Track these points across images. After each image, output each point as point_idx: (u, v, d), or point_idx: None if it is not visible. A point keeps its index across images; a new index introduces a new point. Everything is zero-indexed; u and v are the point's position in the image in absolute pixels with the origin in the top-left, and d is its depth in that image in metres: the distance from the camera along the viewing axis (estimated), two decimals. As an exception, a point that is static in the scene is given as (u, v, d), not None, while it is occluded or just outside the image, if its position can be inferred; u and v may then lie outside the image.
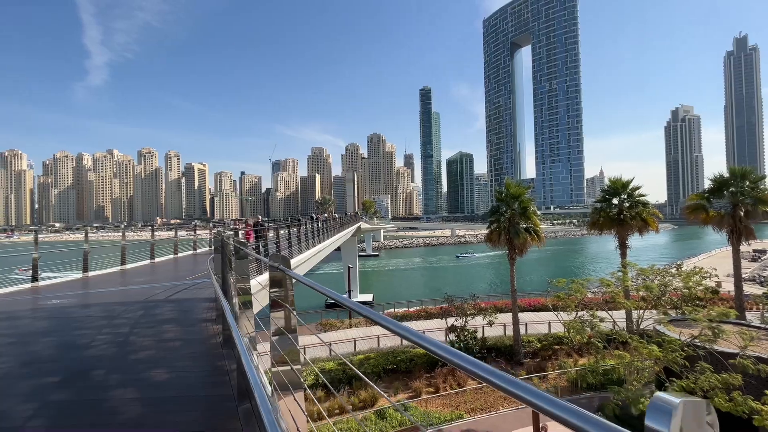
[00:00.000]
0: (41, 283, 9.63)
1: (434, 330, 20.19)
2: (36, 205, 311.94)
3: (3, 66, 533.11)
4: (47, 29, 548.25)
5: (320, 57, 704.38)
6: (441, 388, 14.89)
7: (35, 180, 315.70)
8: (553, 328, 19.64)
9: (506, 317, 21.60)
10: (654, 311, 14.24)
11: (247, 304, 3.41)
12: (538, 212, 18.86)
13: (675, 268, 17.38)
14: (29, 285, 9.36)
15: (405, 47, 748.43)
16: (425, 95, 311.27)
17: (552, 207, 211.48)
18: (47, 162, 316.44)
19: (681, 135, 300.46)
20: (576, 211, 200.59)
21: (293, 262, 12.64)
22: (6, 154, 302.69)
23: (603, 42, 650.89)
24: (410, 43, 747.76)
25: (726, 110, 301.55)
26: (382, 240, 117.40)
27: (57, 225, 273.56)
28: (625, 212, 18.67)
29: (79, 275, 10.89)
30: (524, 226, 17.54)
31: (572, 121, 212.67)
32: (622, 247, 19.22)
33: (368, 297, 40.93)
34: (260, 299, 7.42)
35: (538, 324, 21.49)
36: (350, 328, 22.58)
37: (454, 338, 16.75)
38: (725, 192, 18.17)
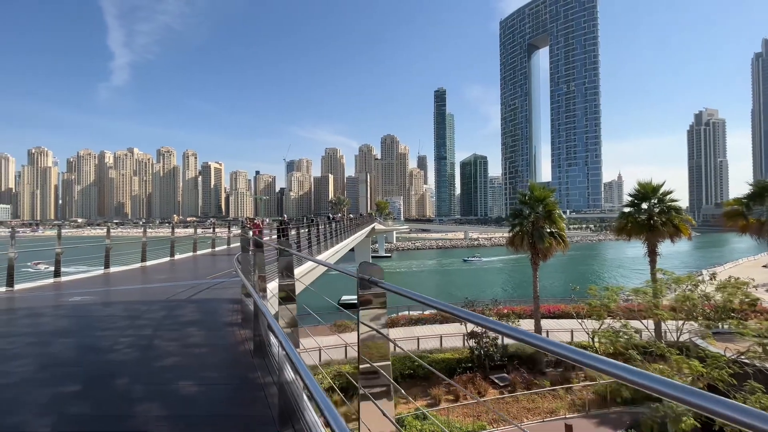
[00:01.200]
0: (63, 279, 9.56)
1: (452, 335, 19.62)
2: (60, 201, 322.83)
3: (34, 67, 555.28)
4: (75, 32, 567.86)
5: (334, 58, 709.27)
6: (461, 395, 14.35)
7: (59, 177, 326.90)
8: (576, 336, 18.86)
9: (525, 324, 20.87)
10: (693, 323, 13.44)
11: (285, 309, 3.08)
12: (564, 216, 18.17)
13: (709, 278, 16.45)
14: (52, 280, 9.31)
15: (417, 49, 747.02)
16: (440, 97, 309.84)
17: (568, 211, 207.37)
18: (71, 159, 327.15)
19: (705, 139, 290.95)
20: (593, 215, 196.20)
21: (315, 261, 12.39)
22: (33, 151, 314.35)
23: (622, 42, 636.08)
24: (422, 45, 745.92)
25: (753, 114, 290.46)
26: (394, 241, 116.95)
27: (79, 220, 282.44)
28: (655, 218, 17.78)
29: (100, 271, 10.85)
30: (549, 230, 16.91)
31: (590, 124, 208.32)
32: (652, 254, 18.33)
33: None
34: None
35: (559, 332, 20.69)
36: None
37: (474, 345, 16.18)
38: (768, 197, 17.07)
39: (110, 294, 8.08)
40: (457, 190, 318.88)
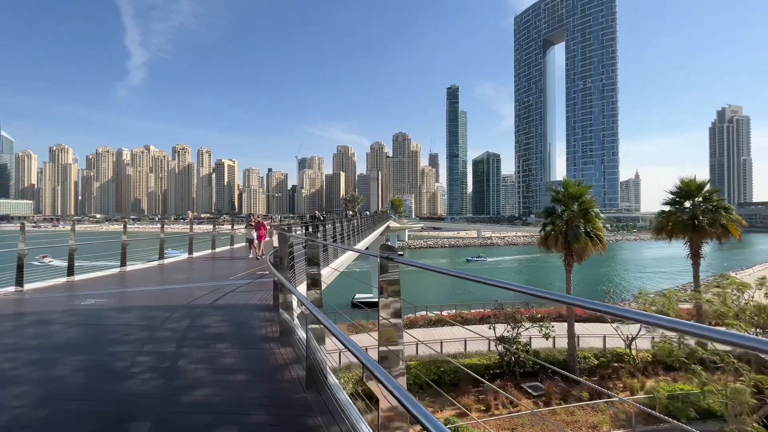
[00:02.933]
0: (77, 277, 8.93)
1: (476, 339, 18.64)
2: (80, 197, 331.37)
3: (55, 68, 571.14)
4: (94, 33, 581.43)
5: (346, 57, 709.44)
6: (493, 405, 13.44)
7: (79, 173, 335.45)
8: (609, 342, 17.68)
9: (559, 327, 19.49)
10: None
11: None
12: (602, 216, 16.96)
13: (758, 283, 15.18)
14: (65, 279, 8.69)
15: (430, 47, 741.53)
16: (452, 94, 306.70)
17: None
18: (90, 156, 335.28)
19: (728, 137, 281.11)
20: (609, 215, 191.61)
21: (340, 261, 11.71)
22: (54, 148, 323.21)
23: (642, 37, 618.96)
24: (435, 43, 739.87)
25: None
26: (406, 239, 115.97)
27: (98, 216, 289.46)
28: (701, 217, 16.49)
29: (116, 270, 10.27)
30: (585, 229, 15.83)
31: (607, 122, 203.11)
32: (695, 256, 17.05)
33: (395, 297, 39.45)
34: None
35: (589, 337, 19.54)
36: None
37: (503, 350, 15.18)
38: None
39: (126, 297, 7.44)
40: (469, 189, 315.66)
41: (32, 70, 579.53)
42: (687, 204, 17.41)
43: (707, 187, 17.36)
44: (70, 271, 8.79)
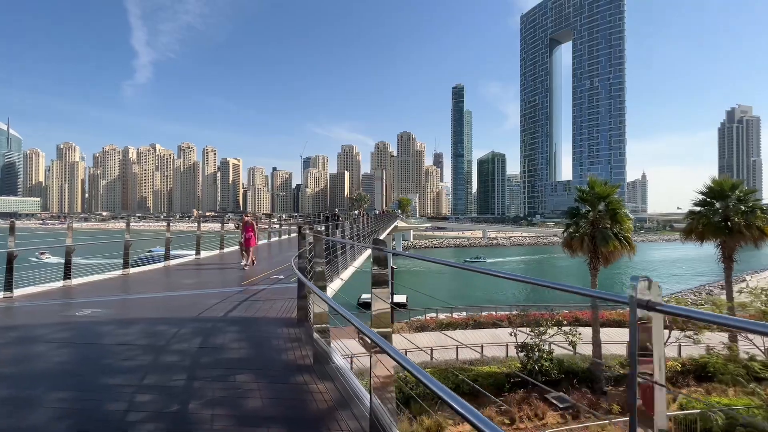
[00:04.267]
0: (75, 281, 8.06)
1: (492, 344, 17.82)
2: (86, 195, 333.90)
3: (63, 66, 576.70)
4: (101, 33, 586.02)
5: (351, 56, 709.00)
6: (517, 418, 12.64)
7: (86, 171, 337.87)
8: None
9: (585, 333, 18.47)
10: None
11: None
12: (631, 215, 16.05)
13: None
14: (61, 283, 7.81)
15: (435, 46, 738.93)
16: (458, 93, 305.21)
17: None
18: (97, 155, 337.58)
19: (737, 137, 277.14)
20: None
21: (360, 261, 11.03)
22: (62, 146, 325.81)
23: (650, 35, 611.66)
24: (440, 43, 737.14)
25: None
26: (411, 239, 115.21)
27: (104, 214, 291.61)
28: (736, 219, 15.54)
29: (118, 272, 9.40)
30: (613, 231, 14.99)
31: (614, 121, 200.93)
32: (728, 260, 16.16)
33: (401, 298, 38.80)
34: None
35: (610, 344, 18.59)
36: (394, 333, 20.66)
37: (524, 358, 14.33)
38: None
39: (128, 306, 6.62)
40: (474, 188, 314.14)
41: (40, 69, 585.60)
42: (717, 204, 16.50)
43: (743, 187, 16.36)
44: (67, 273, 7.93)
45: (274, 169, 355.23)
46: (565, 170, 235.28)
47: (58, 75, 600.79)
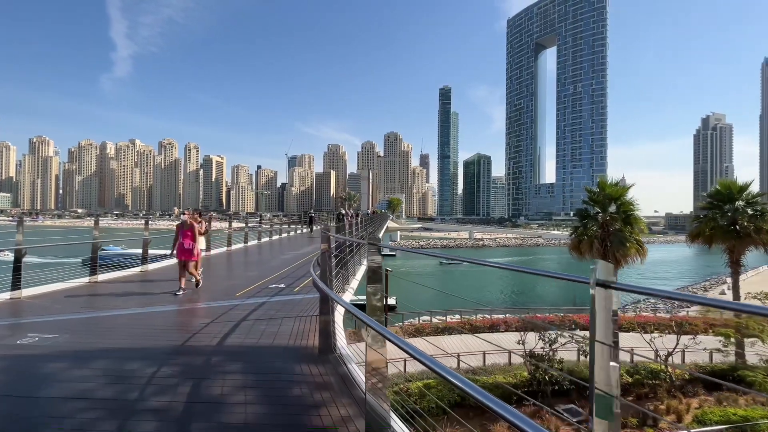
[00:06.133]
0: (25, 293, 6.35)
1: (494, 352, 16.97)
2: (60, 191, 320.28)
3: (35, 56, 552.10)
4: (77, 23, 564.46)
5: (339, 55, 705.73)
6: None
7: (61, 166, 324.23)
8: (639, 355, 16.23)
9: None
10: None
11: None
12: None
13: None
14: (8, 295, 6.16)
15: (422, 48, 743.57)
16: (445, 95, 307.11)
17: (572, 213, 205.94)
18: (72, 149, 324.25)
19: (711, 144, 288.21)
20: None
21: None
22: (34, 140, 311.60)
23: (630, 45, 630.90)
24: (427, 45, 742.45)
25: (762, 119, 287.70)
26: (398, 240, 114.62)
27: (79, 211, 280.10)
28: (745, 223, 15.23)
29: (84, 280, 7.72)
30: (626, 234, 14.45)
31: (596, 126, 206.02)
32: (735, 265, 15.89)
33: (390, 300, 37.82)
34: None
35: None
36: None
37: (532, 368, 13.53)
38: None
39: (90, 329, 4.94)
40: (460, 190, 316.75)
41: (9, 58, 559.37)
42: (725, 208, 16.17)
43: (755, 190, 16.00)
44: (16, 282, 6.22)
45: (259, 167, 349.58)
46: (548, 173, 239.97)
47: (30, 66, 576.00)
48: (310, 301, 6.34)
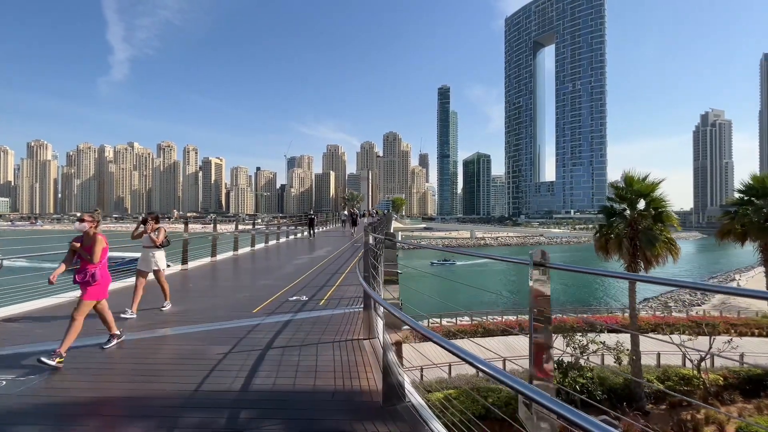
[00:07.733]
0: (1, 313, 5.30)
1: (517, 357, 16.11)
2: (59, 195, 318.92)
3: (33, 60, 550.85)
4: (74, 26, 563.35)
5: (337, 56, 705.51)
6: (562, 450, 11.06)
7: (59, 170, 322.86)
8: (663, 359, 15.41)
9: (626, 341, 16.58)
10: None
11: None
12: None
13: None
14: None
15: (420, 48, 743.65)
16: (443, 94, 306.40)
17: (572, 211, 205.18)
18: (71, 153, 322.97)
19: (711, 140, 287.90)
20: (597, 216, 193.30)
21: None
22: (32, 144, 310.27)
23: (629, 42, 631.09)
24: (425, 44, 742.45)
25: (761, 115, 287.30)
26: (399, 239, 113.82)
27: (78, 215, 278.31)
28: (780, 219, 14.49)
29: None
30: (656, 233, 13.65)
31: (596, 124, 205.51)
32: (768, 263, 15.18)
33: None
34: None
35: (648, 353, 16.76)
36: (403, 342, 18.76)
37: (560, 376, 12.66)
38: None
39: (79, 363, 3.79)
40: (459, 189, 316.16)
41: (7, 62, 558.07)
42: (759, 203, 15.37)
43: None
44: None
45: (258, 168, 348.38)
46: (548, 171, 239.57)
47: (28, 69, 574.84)
48: (343, 319, 5.43)
